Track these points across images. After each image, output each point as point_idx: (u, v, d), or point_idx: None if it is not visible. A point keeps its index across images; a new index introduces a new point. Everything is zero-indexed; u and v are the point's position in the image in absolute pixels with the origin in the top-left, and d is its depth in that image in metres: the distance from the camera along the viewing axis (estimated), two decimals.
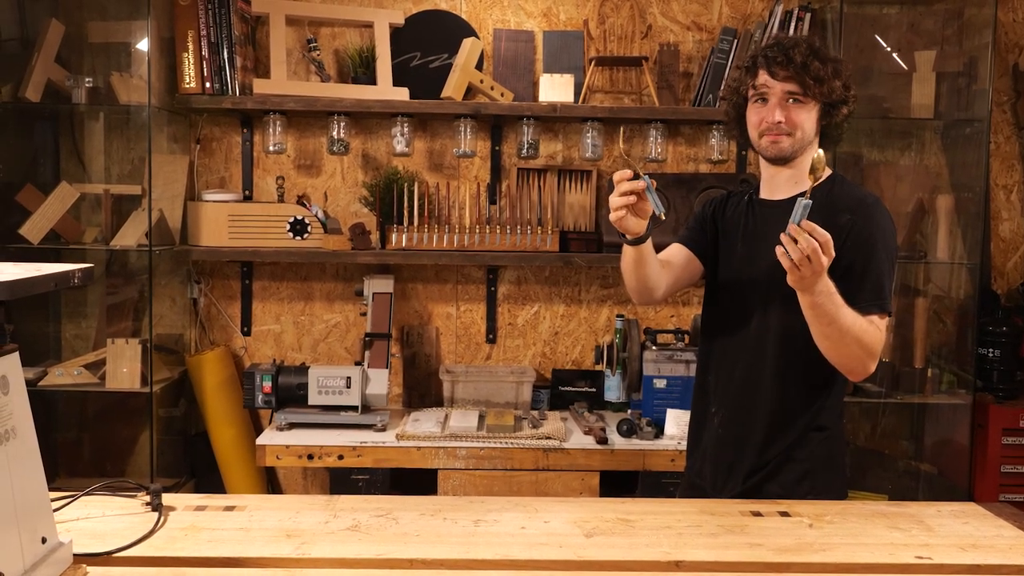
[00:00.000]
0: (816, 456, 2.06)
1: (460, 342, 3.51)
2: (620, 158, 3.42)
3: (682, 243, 2.21)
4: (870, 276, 1.94)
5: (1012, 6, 3.42)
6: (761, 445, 2.06)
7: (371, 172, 3.43)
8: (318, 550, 1.60)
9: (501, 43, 3.37)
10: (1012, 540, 1.74)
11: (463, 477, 2.89)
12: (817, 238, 1.71)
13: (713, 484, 2.14)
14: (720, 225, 2.18)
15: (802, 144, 2.01)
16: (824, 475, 2.07)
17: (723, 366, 2.14)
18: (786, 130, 1.99)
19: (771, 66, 1.98)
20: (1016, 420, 3.12)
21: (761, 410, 2.06)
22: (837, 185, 2.07)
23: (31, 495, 1.39)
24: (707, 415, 2.18)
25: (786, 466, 2.05)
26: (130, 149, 3.32)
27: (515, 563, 1.58)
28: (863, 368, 1.93)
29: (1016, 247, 3.49)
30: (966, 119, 3.21)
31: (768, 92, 2.00)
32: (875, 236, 1.97)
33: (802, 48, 1.98)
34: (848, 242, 1.94)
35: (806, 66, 1.96)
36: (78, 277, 1.44)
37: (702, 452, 2.19)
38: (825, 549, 1.66)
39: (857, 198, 2.03)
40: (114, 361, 3.09)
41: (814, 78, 1.96)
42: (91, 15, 3.27)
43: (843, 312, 1.84)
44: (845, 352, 1.90)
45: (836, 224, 1.90)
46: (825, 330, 1.87)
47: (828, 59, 1.99)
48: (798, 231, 1.72)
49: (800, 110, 1.98)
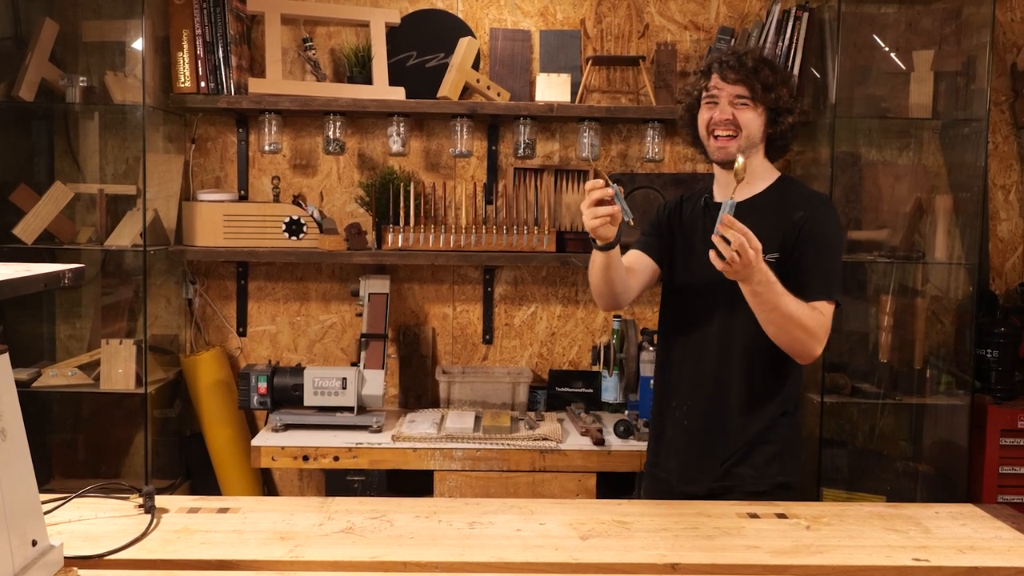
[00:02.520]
0: (783, 440, 2.19)
1: (456, 343, 3.49)
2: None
3: (641, 249, 2.34)
4: (820, 266, 2.09)
5: (1010, 5, 3.41)
6: (733, 434, 2.18)
7: (367, 172, 3.42)
8: (311, 552, 1.59)
9: (498, 42, 3.36)
10: (1010, 542, 1.73)
11: (459, 478, 2.87)
12: (738, 231, 1.84)
13: (680, 476, 2.23)
14: (677, 229, 2.31)
15: (748, 145, 2.15)
16: (790, 459, 2.21)
17: (685, 363, 2.25)
18: (733, 130, 2.13)
19: (723, 70, 2.14)
20: (1015, 421, 3.11)
21: (730, 402, 2.18)
22: (788, 185, 2.24)
23: (21, 497, 1.38)
24: (668, 411, 2.29)
25: (757, 449, 2.17)
26: (125, 149, 3.31)
27: (510, 566, 1.57)
28: (809, 351, 2.05)
29: (1014, 247, 3.49)
30: (964, 119, 3.20)
31: (718, 94, 2.15)
32: (826, 231, 2.12)
33: (754, 55, 2.15)
34: (801, 235, 2.10)
35: (756, 71, 2.12)
36: (68, 277, 1.43)
37: (667, 447, 2.29)
38: (822, 551, 1.65)
39: (807, 196, 2.21)
40: (109, 362, 3.07)
41: (762, 84, 2.12)
42: (85, 14, 3.26)
43: (785, 299, 1.97)
44: (790, 336, 2.02)
45: (790, 220, 2.11)
46: (769, 316, 2.00)
47: (777, 69, 2.17)
48: (726, 228, 1.85)
49: (747, 112, 2.14)
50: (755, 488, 2.13)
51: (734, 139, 2.13)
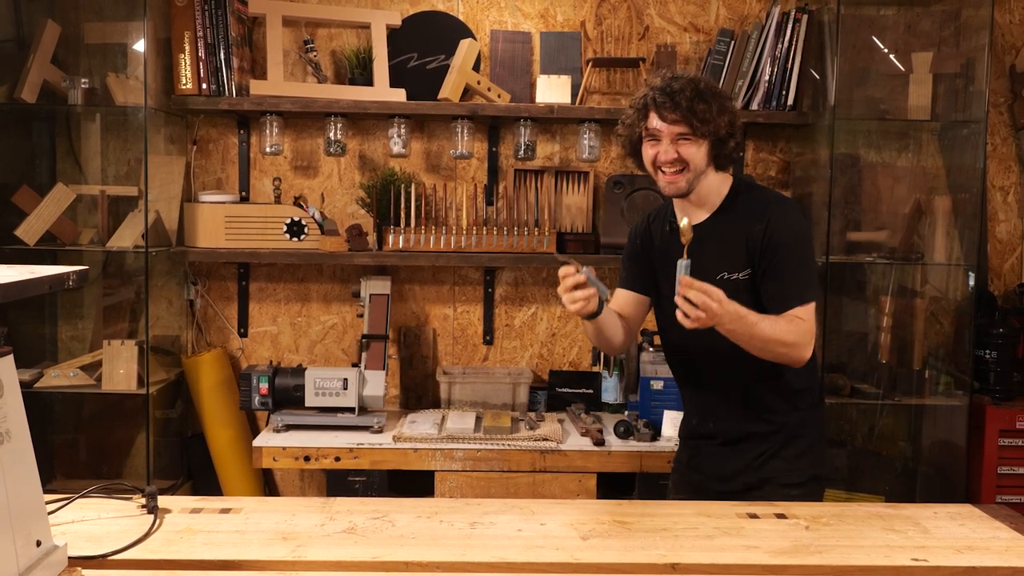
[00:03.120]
0: (812, 431, 2.24)
1: (457, 343, 3.50)
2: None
3: (625, 287, 2.38)
4: (788, 273, 2.11)
5: (1009, 7, 3.42)
6: (762, 436, 2.20)
7: (368, 173, 3.43)
8: (314, 553, 1.60)
9: (498, 44, 3.37)
10: (1008, 542, 1.74)
11: (460, 479, 2.88)
12: (698, 288, 1.90)
13: (718, 475, 2.26)
14: (653, 254, 2.33)
15: (696, 175, 2.16)
16: (820, 450, 2.27)
17: (702, 381, 2.29)
18: (679, 167, 2.13)
19: (660, 110, 2.13)
20: (1013, 421, 3.12)
21: (748, 413, 2.21)
22: (743, 193, 2.22)
23: (25, 498, 1.39)
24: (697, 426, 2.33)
25: (789, 443, 2.20)
26: (126, 150, 3.32)
27: (511, 566, 1.58)
28: (796, 359, 2.08)
29: (1013, 248, 3.50)
30: (963, 120, 3.21)
31: (659, 133, 2.15)
32: (786, 236, 2.12)
33: (687, 93, 2.11)
34: (765, 247, 2.12)
35: (692, 109, 2.10)
36: (73, 279, 1.43)
37: (699, 456, 2.32)
38: (821, 551, 1.66)
39: (762, 203, 2.19)
40: (110, 363, 3.08)
41: (700, 119, 2.10)
42: (87, 16, 3.27)
43: (759, 327, 2.01)
44: (773, 354, 2.06)
45: (752, 232, 2.13)
46: (748, 343, 2.04)
47: (713, 98, 2.13)
48: (685, 289, 1.90)
49: (690, 146, 2.13)
50: (789, 480, 2.16)
51: (682, 173, 2.13)
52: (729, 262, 2.14)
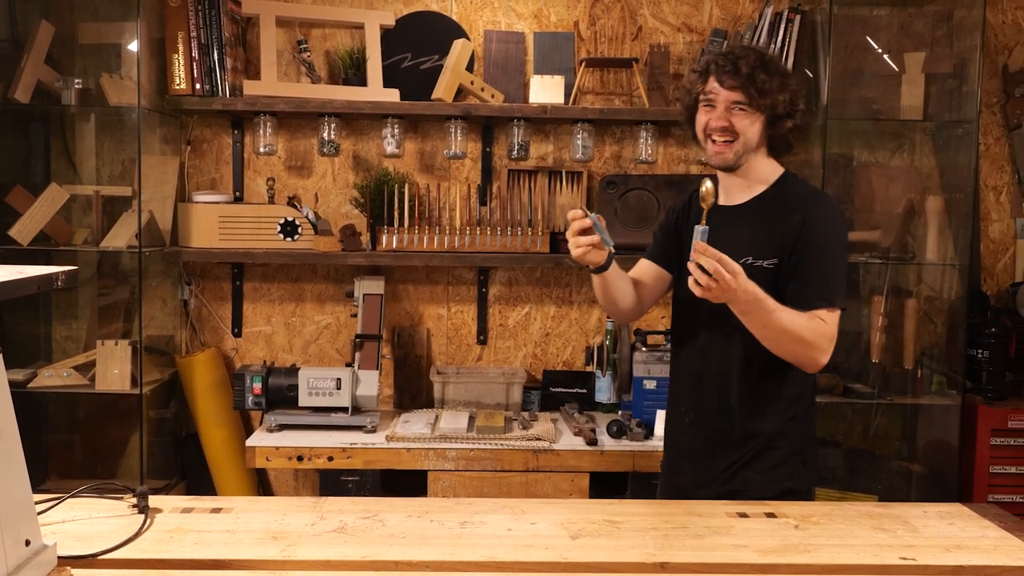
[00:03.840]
0: (792, 444, 2.14)
1: (451, 343, 3.51)
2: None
3: (649, 258, 2.31)
4: (818, 272, 2.03)
5: (1001, 8, 3.43)
6: (738, 439, 2.14)
7: (362, 173, 3.43)
8: (303, 552, 1.60)
9: (492, 44, 3.37)
10: (997, 541, 1.74)
11: (453, 478, 2.89)
12: (712, 257, 1.82)
13: (694, 480, 2.20)
14: (684, 232, 2.25)
15: (746, 151, 2.09)
16: (799, 464, 2.15)
17: (691, 369, 2.23)
18: (729, 136, 2.07)
19: (719, 74, 2.07)
20: (1005, 421, 3.13)
21: (734, 407, 2.14)
22: (789, 185, 2.15)
23: (14, 497, 1.39)
24: (680, 415, 2.27)
25: (764, 454, 2.13)
26: (120, 150, 3.32)
27: (500, 565, 1.58)
28: (812, 362, 2.01)
29: (1005, 248, 3.50)
30: (956, 120, 3.22)
31: (715, 98, 2.09)
32: (822, 233, 2.06)
33: (751, 59, 2.06)
34: (799, 240, 2.04)
35: (752, 77, 2.04)
36: (62, 279, 1.44)
37: (679, 451, 2.27)
38: (810, 550, 1.66)
39: (803, 196, 2.12)
40: (104, 363, 3.08)
41: (759, 90, 2.04)
42: (81, 16, 3.27)
43: (777, 315, 1.93)
44: (787, 348, 1.99)
45: (789, 223, 2.04)
46: (761, 332, 1.97)
47: (775, 72, 2.07)
48: (699, 255, 1.82)
49: (744, 118, 2.07)
50: (762, 495, 2.06)
51: (731, 144, 2.07)
52: (757, 248, 2.05)
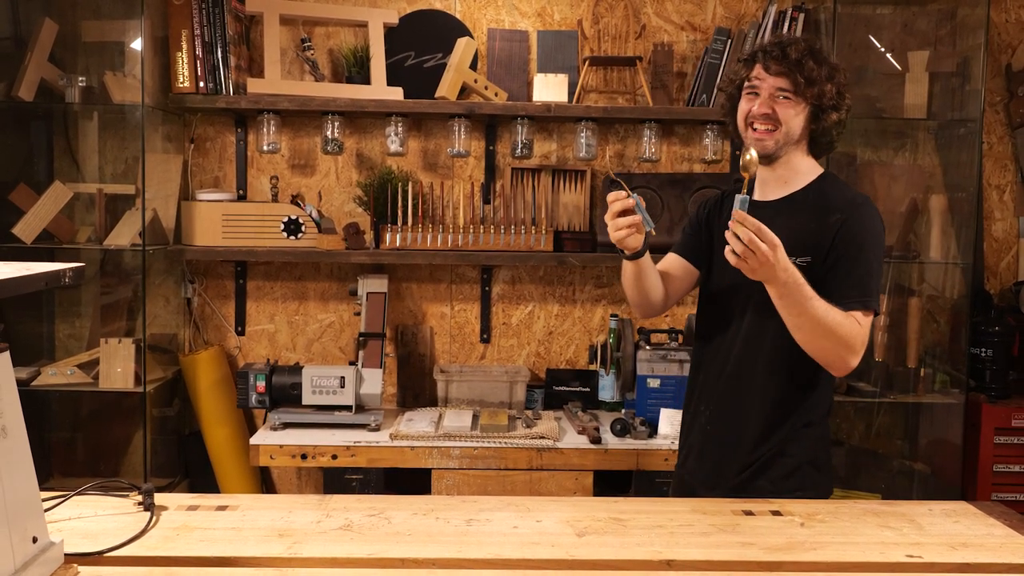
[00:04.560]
0: (805, 452, 2.10)
1: (454, 342, 3.51)
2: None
3: (678, 252, 2.26)
4: (856, 273, 1.98)
5: (1005, 7, 3.43)
6: (753, 442, 2.10)
7: (365, 172, 3.43)
8: (310, 549, 1.60)
9: (495, 43, 3.37)
10: (1002, 539, 1.74)
11: (457, 477, 2.89)
12: (750, 227, 1.77)
13: (704, 481, 2.18)
14: (715, 227, 2.21)
15: (787, 142, 2.04)
16: (811, 471, 2.11)
17: (713, 366, 2.18)
18: (772, 124, 2.02)
19: (766, 60, 2.03)
20: (1008, 420, 3.13)
21: (752, 408, 2.11)
22: (829, 184, 2.10)
23: (22, 495, 1.39)
24: (696, 414, 2.23)
25: (776, 461, 2.09)
26: (124, 148, 3.32)
27: (507, 562, 1.58)
28: (842, 362, 1.97)
29: (1009, 247, 3.50)
30: (959, 119, 3.22)
31: (760, 86, 2.04)
32: (863, 235, 2.00)
33: (800, 47, 2.01)
34: (837, 240, 1.99)
35: (800, 64, 1.99)
36: (69, 276, 1.44)
37: (691, 450, 2.24)
38: (816, 548, 1.66)
39: (847, 198, 2.06)
40: (108, 361, 3.08)
41: (806, 78, 1.99)
42: (85, 14, 3.27)
43: (814, 303, 1.88)
44: (819, 344, 1.94)
45: (827, 223, 2.00)
46: (796, 320, 1.91)
47: (824, 62, 2.02)
48: (736, 224, 1.78)
49: (788, 107, 2.02)
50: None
51: (772, 132, 2.02)
52: (790, 244, 1.91)
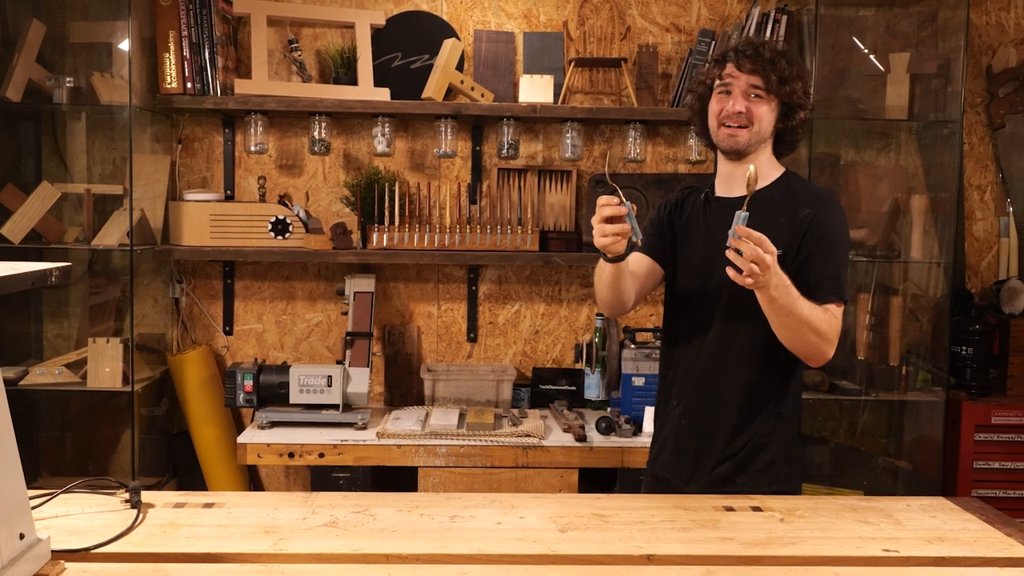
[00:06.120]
0: (779, 446, 2.13)
1: (441, 341, 3.53)
2: (606, 175, 3.46)
3: (643, 252, 2.28)
4: (829, 267, 2.03)
5: (985, 9, 3.46)
6: (728, 435, 2.13)
7: (352, 172, 3.45)
8: (295, 546, 1.62)
9: (482, 44, 3.39)
10: (977, 533, 1.77)
11: (443, 475, 2.91)
12: (754, 240, 1.80)
13: (678, 474, 2.20)
14: (678, 226, 2.25)
15: (758, 139, 2.09)
16: (785, 465, 2.14)
17: (684, 361, 2.21)
18: (744, 122, 2.07)
19: (739, 59, 2.07)
20: (988, 417, 3.17)
21: (724, 402, 2.14)
22: (794, 181, 2.17)
23: (9, 492, 1.41)
24: (668, 408, 2.25)
25: (753, 456, 2.12)
26: (111, 149, 3.33)
27: (490, 557, 1.60)
28: (821, 355, 2.01)
29: (989, 246, 3.54)
30: (941, 120, 3.26)
31: (732, 84, 2.08)
32: (832, 229, 2.06)
33: (771, 46, 2.08)
34: (808, 234, 2.04)
35: (773, 63, 2.05)
36: (56, 276, 1.45)
37: (664, 444, 2.26)
38: (794, 543, 1.69)
39: (814, 193, 2.14)
40: (96, 360, 3.09)
41: (778, 76, 2.05)
42: (72, 15, 3.27)
43: (799, 303, 1.93)
44: (804, 340, 1.98)
45: (796, 217, 2.05)
46: (784, 321, 1.95)
47: (793, 62, 2.08)
48: (739, 241, 1.81)
49: (761, 104, 2.07)
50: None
51: (745, 129, 2.06)
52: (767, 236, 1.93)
